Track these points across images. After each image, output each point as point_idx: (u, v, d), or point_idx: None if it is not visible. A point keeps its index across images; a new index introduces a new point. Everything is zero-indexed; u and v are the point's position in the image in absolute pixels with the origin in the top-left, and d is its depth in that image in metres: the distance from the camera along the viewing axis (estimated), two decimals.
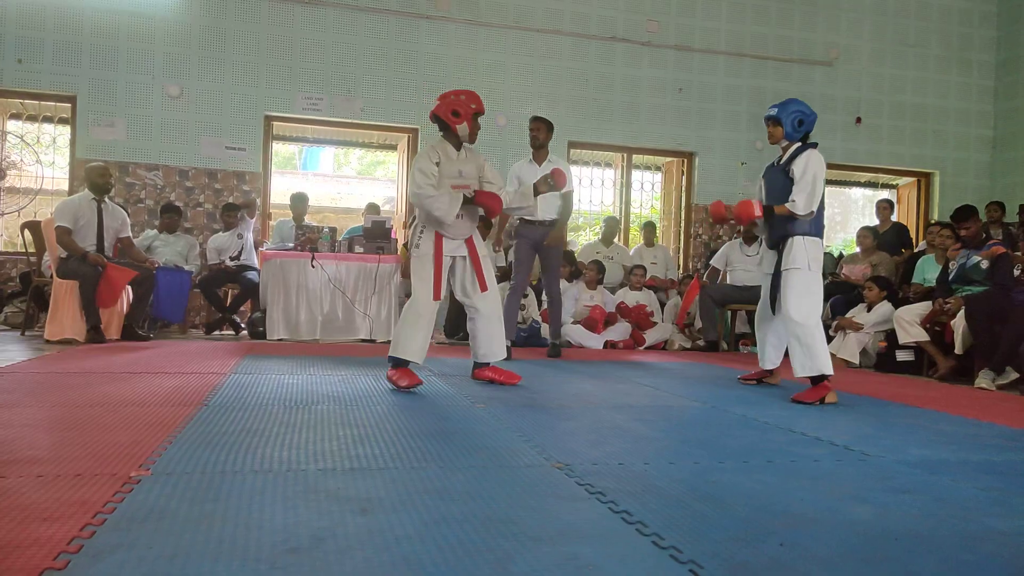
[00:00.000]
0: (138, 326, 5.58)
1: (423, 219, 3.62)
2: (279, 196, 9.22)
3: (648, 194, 8.84)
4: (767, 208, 3.73)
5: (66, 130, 7.03)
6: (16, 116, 7.12)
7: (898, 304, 5.57)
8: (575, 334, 6.38)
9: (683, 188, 8.42)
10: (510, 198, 3.73)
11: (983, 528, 1.70)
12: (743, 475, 2.10)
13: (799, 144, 3.76)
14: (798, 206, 3.63)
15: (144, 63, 6.91)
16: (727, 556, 1.44)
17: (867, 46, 8.68)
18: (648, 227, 7.86)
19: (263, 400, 3.02)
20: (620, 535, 1.55)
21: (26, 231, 5.93)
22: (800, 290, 3.65)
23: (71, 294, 5.17)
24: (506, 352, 3.76)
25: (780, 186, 3.75)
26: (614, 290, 7.08)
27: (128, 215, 5.90)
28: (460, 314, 6.57)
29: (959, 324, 4.84)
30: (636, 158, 8.40)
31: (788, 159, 3.75)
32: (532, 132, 5.25)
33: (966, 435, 2.90)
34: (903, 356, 5.39)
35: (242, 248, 6.54)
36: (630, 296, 6.88)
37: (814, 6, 8.51)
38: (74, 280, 5.17)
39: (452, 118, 3.57)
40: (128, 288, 5.40)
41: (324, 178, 16.56)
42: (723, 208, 3.93)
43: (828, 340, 5.76)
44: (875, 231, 6.96)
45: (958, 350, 4.88)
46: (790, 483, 2.02)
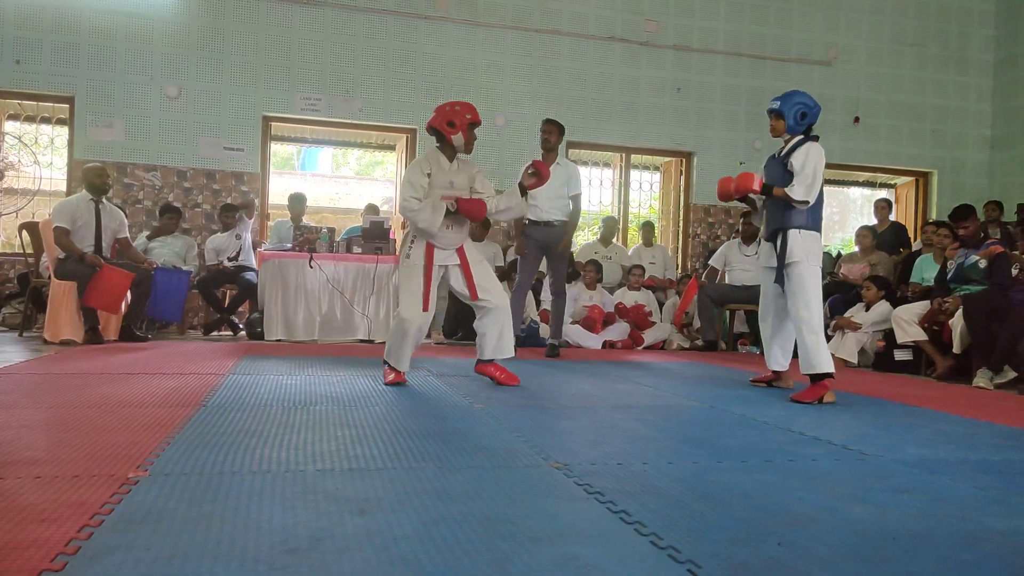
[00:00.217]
0: (136, 327, 5.57)
1: (414, 229, 3.66)
2: (277, 196, 9.20)
3: (646, 194, 8.84)
4: (766, 186, 3.71)
5: (64, 131, 7.02)
6: (14, 117, 7.12)
7: (896, 303, 5.57)
8: (574, 334, 6.38)
9: (681, 188, 8.42)
10: (495, 203, 3.69)
11: (981, 527, 1.70)
12: (742, 475, 2.10)
13: (800, 137, 3.74)
14: (796, 191, 3.60)
15: (142, 64, 6.90)
16: (726, 556, 1.44)
17: (865, 46, 8.69)
18: (646, 227, 7.86)
19: (261, 401, 3.01)
20: (619, 535, 1.55)
21: (24, 232, 5.92)
22: (806, 289, 3.63)
23: (69, 295, 5.16)
24: (513, 350, 3.78)
25: (778, 178, 3.73)
26: (613, 290, 7.08)
27: (126, 216, 5.89)
28: (460, 314, 6.59)
29: (957, 323, 4.85)
30: (634, 158, 8.40)
31: (788, 151, 3.72)
32: (544, 135, 5.30)
33: (964, 434, 2.91)
34: (901, 355, 5.40)
35: (240, 249, 6.54)
36: (628, 296, 6.88)
37: (812, 6, 8.52)
38: (72, 281, 5.17)
39: (447, 129, 3.59)
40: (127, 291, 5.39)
41: (322, 178, 16.55)
42: (730, 183, 3.80)
43: (827, 339, 5.82)
44: (874, 231, 6.97)
45: (956, 349, 4.88)
46: (789, 483, 2.02)
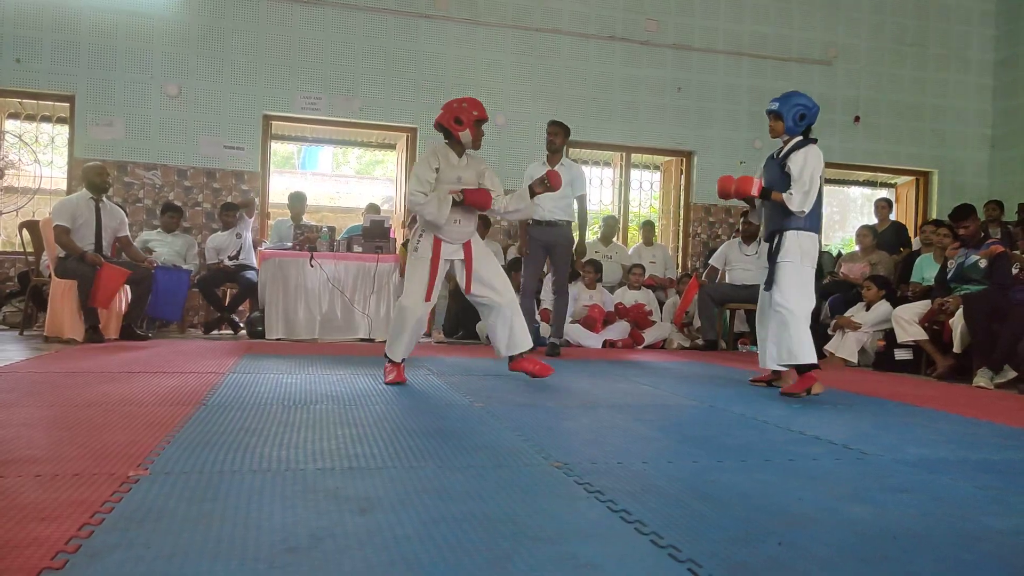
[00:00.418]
0: (136, 326, 5.57)
1: (423, 222, 3.71)
2: (278, 195, 9.21)
3: (647, 193, 8.84)
4: (765, 190, 3.70)
5: (64, 129, 7.02)
6: (14, 115, 7.11)
7: (896, 303, 5.57)
8: (574, 333, 6.38)
9: (682, 187, 8.42)
10: (505, 202, 3.76)
11: (981, 527, 1.70)
12: (741, 474, 2.10)
13: (799, 138, 3.73)
14: (794, 200, 3.59)
15: (143, 62, 6.90)
16: (726, 555, 1.44)
17: (865, 45, 8.69)
18: (647, 226, 7.86)
19: (262, 399, 3.01)
20: (619, 534, 1.55)
21: (24, 231, 5.92)
22: (790, 280, 3.63)
23: (69, 294, 5.16)
24: (530, 341, 3.84)
25: (777, 179, 3.72)
26: (613, 289, 7.08)
27: (127, 214, 5.89)
28: (461, 313, 6.59)
29: (957, 323, 4.85)
30: (635, 157, 8.40)
31: (786, 153, 3.71)
32: (549, 136, 5.37)
33: (964, 434, 2.91)
34: (901, 355, 5.40)
35: (240, 247, 6.54)
36: (629, 295, 6.88)
37: (812, 5, 8.52)
38: (72, 280, 5.17)
39: (455, 125, 3.63)
40: (126, 287, 5.40)
41: (322, 177, 16.55)
42: (731, 184, 3.79)
43: (827, 339, 5.82)
44: (874, 230, 6.96)
45: (956, 349, 4.88)
46: (788, 482, 2.02)
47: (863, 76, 8.67)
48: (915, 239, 7.27)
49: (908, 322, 5.22)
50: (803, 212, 3.61)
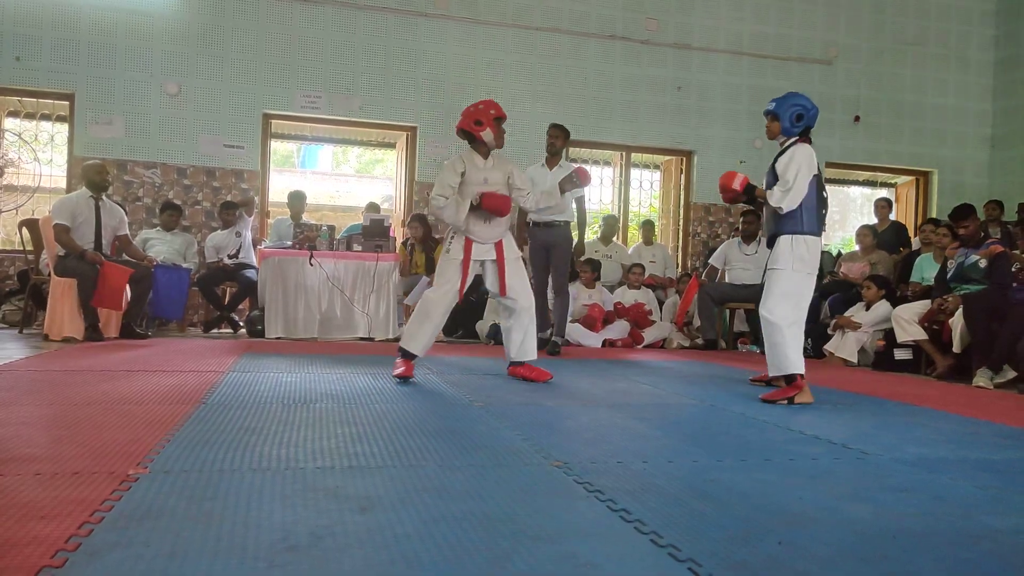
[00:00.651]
0: (136, 324, 5.57)
1: (452, 226, 3.81)
2: (277, 194, 9.21)
3: (647, 192, 8.84)
4: (749, 187, 3.65)
5: (64, 128, 7.02)
6: (14, 114, 7.11)
7: (896, 303, 5.57)
8: (574, 333, 6.37)
9: (682, 187, 8.42)
10: (536, 199, 3.91)
11: (981, 526, 1.70)
12: (741, 473, 2.10)
13: (795, 139, 3.63)
14: (773, 195, 3.52)
15: (142, 61, 6.90)
16: (725, 554, 1.44)
17: (866, 45, 8.69)
18: (647, 226, 7.86)
19: (261, 398, 3.01)
20: (618, 533, 1.55)
21: (24, 229, 5.92)
22: (778, 291, 3.53)
23: (69, 292, 5.16)
24: (536, 353, 3.93)
25: (770, 182, 3.68)
26: (613, 289, 7.07)
27: (126, 213, 5.89)
28: (460, 313, 6.58)
29: (957, 323, 4.85)
30: (635, 156, 8.40)
31: (778, 154, 3.65)
32: (550, 139, 5.46)
33: (964, 433, 2.91)
34: (901, 355, 5.40)
35: (240, 246, 6.54)
36: (628, 295, 6.88)
37: (813, 5, 8.51)
38: (72, 278, 5.16)
39: (475, 127, 3.70)
40: (126, 286, 5.39)
41: (322, 176, 16.56)
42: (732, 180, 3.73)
43: (827, 339, 5.83)
44: (874, 230, 6.96)
45: (956, 349, 4.88)
46: (788, 481, 2.02)
47: (863, 76, 8.67)
48: (915, 239, 7.27)
49: (908, 322, 5.22)
50: (781, 209, 3.51)
